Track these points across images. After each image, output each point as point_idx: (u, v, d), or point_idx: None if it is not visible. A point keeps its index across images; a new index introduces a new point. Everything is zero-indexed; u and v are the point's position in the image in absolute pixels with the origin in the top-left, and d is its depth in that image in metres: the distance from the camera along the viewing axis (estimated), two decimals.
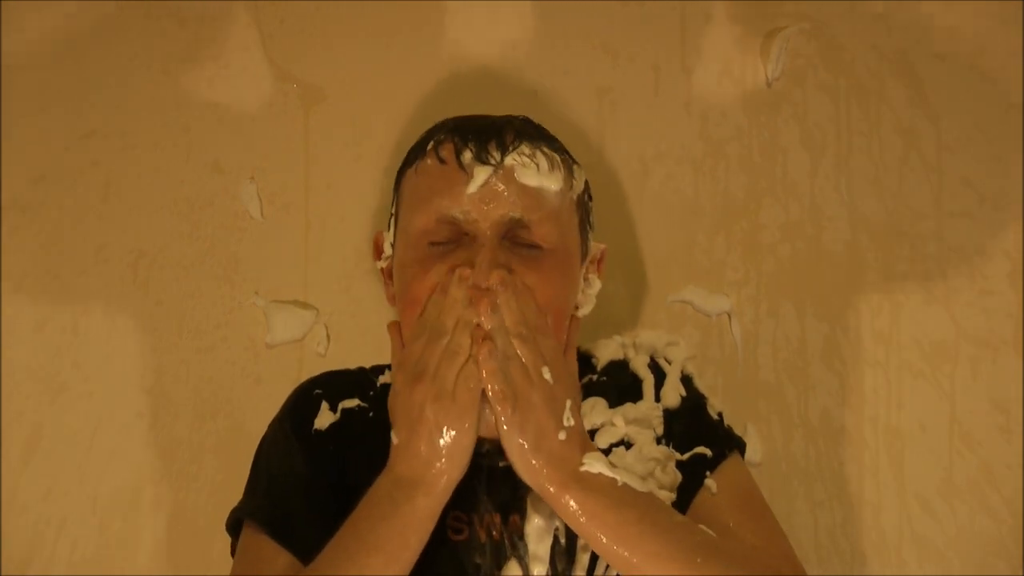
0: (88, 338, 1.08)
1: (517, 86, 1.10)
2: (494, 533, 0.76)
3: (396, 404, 0.74)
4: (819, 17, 1.10)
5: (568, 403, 0.73)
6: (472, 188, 0.74)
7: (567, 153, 0.83)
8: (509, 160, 0.75)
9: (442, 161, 0.76)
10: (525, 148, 0.76)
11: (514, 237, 0.75)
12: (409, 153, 0.84)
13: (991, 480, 1.03)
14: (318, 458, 0.81)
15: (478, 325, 0.71)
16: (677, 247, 1.09)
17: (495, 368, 0.70)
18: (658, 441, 0.82)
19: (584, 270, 0.84)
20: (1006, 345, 1.05)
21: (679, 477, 0.80)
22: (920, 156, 1.08)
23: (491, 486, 0.77)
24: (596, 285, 0.87)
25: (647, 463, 0.79)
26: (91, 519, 1.07)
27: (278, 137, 1.11)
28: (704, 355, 1.08)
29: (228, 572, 0.83)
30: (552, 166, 0.77)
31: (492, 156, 0.75)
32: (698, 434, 0.83)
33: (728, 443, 0.84)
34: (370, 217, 1.09)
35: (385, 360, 0.88)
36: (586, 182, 0.85)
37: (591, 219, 0.86)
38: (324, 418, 0.84)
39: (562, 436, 0.72)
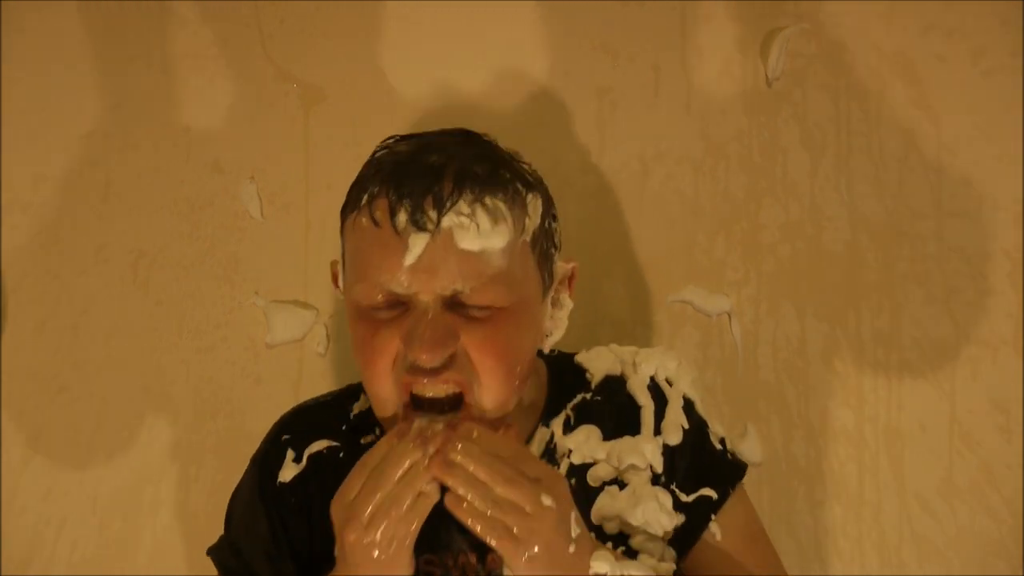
0: (88, 338, 1.08)
1: (517, 86, 1.10)
2: (468, 573, 0.73)
3: (334, 515, 0.68)
4: (819, 17, 1.10)
5: (572, 514, 0.68)
6: (409, 260, 0.67)
7: (518, 182, 0.73)
8: (447, 222, 0.67)
9: (376, 224, 0.69)
10: (463, 206, 0.67)
11: (459, 302, 0.70)
12: (349, 192, 0.76)
13: (991, 480, 1.03)
14: (282, 517, 0.79)
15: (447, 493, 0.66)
16: (677, 247, 1.09)
17: (487, 523, 0.65)
18: (656, 479, 0.78)
19: (549, 297, 0.78)
20: (1006, 345, 1.05)
21: (678, 518, 0.78)
22: (920, 156, 1.08)
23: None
24: (567, 306, 0.80)
25: (643, 506, 0.75)
26: (91, 519, 1.07)
27: (278, 137, 1.11)
28: (704, 355, 1.08)
29: None
30: (496, 220, 0.68)
31: (428, 219, 0.67)
32: (702, 471, 0.80)
33: (732, 478, 0.82)
34: None
35: None
36: (546, 203, 0.76)
37: (556, 241, 0.78)
38: (288, 470, 0.80)
39: (572, 549, 0.67)
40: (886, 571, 1.03)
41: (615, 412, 0.81)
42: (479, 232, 0.68)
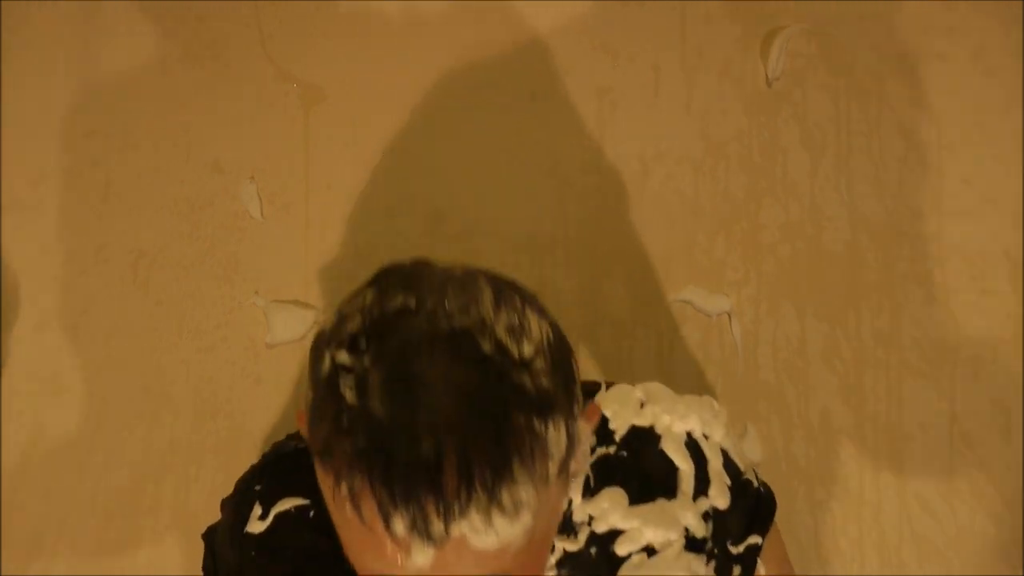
0: (88, 338, 1.08)
1: (517, 86, 1.10)
2: None
3: None
4: (819, 17, 1.10)
5: None
6: (412, 569, 0.55)
7: (535, 418, 0.55)
8: (456, 531, 0.53)
9: (364, 523, 0.54)
10: (475, 514, 0.52)
11: None
12: (315, 434, 0.57)
13: (991, 480, 1.03)
14: (242, 566, 0.75)
15: None
16: (677, 247, 1.09)
17: None
18: (695, 544, 0.70)
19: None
20: (1006, 345, 1.05)
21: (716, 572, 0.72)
22: (920, 156, 1.08)
23: None
24: (589, 441, 0.67)
25: None
26: (91, 519, 1.07)
27: (278, 137, 1.11)
28: (704, 355, 1.08)
29: None
30: (517, 511, 0.53)
31: (433, 530, 0.53)
32: (747, 519, 0.74)
33: (771, 514, 0.77)
34: (370, 217, 1.09)
35: None
36: (568, 415, 0.57)
37: (576, 410, 0.59)
38: (254, 525, 0.74)
39: None
40: (886, 571, 1.03)
41: (643, 473, 0.71)
42: (497, 535, 0.54)
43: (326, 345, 0.59)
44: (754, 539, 0.74)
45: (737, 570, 0.74)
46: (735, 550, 0.73)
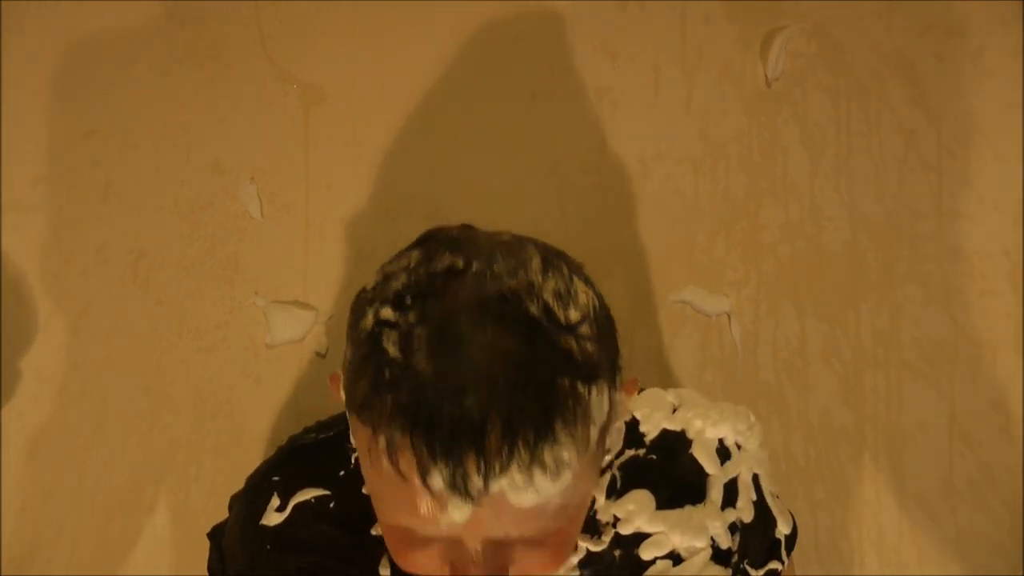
0: (88, 338, 1.08)
1: (517, 86, 1.10)
2: None
3: None
4: (819, 17, 1.10)
5: None
6: (448, 522, 0.54)
7: (579, 381, 0.55)
8: (496, 487, 0.52)
9: (403, 478, 0.53)
10: (517, 472, 0.52)
11: (512, 541, 0.58)
12: (354, 390, 0.58)
13: (991, 480, 1.03)
14: (253, 561, 0.73)
15: None
16: (677, 247, 1.09)
17: None
18: (721, 555, 0.69)
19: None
20: (1006, 345, 1.05)
21: None
22: (920, 156, 1.08)
23: None
24: (626, 416, 0.69)
25: None
26: (91, 519, 1.06)
27: (278, 137, 1.11)
28: (704, 355, 1.08)
29: None
30: (559, 471, 0.53)
31: (472, 486, 0.52)
32: (768, 543, 0.73)
33: (792, 543, 0.75)
34: (370, 217, 1.09)
35: None
36: (611, 383, 0.58)
37: (618, 380, 0.61)
38: (271, 517, 0.72)
39: None
40: (886, 571, 1.03)
41: (673, 476, 0.70)
42: (537, 492, 0.53)
43: (369, 303, 0.59)
44: (774, 564, 0.73)
45: None
46: (755, 573, 0.72)
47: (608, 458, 0.70)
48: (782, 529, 0.74)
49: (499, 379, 0.53)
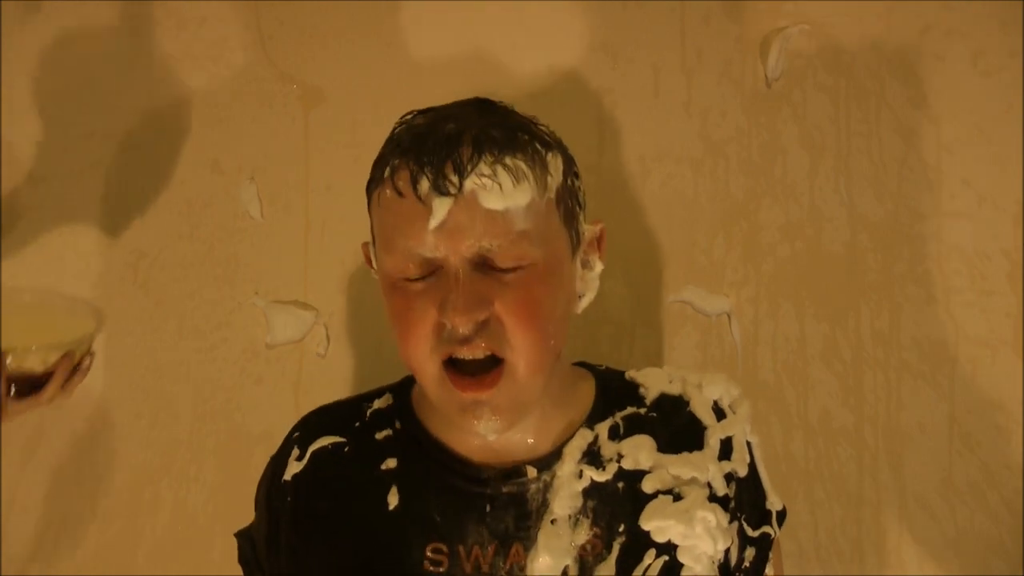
0: None
1: (517, 86, 1.10)
2: (483, 565, 0.71)
3: None
4: (819, 17, 1.10)
5: None
6: (433, 223, 0.67)
7: (537, 143, 0.72)
8: (469, 184, 0.67)
9: (400, 194, 0.70)
10: (484, 168, 0.67)
11: (489, 263, 0.69)
12: (372, 169, 0.76)
13: (991, 480, 1.03)
14: (279, 519, 0.79)
15: None
16: (677, 247, 1.09)
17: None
18: (719, 500, 0.76)
19: (578, 258, 0.77)
20: (1005, 345, 1.05)
21: (735, 544, 0.77)
22: (920, 156, 1.08)
23: (490, 514, 0.73)
24: (597, 267, 0.79)
25: (698, 520, 0.73)
26: (92, 519, 1.07)
27: (278, 137, 1.11)
28: (704, 355, 1.08)
29: (228, 572, 0.84)
30: (517, 178, 0.69)
31: (450, 183, 0.67)
32: (760, 509, 0.80)
33: (781, 518, 0.82)
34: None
35: (386, 361, 0.88)
36: (567, 163, 0.76)
37: (581, 200, 0.77)
38: (290, 468, 0.80)
39: None
40: (886, 571, 1.03)
41: (672, 430, 0.78)
42: (502, 192, 0.68)
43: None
44: (767, 529, 0.79)
45: (751, 553, 0.78)
46: (752, 532, 0.78)
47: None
48: (774, 504, 0.81)
49: (475, 120, 0.71)
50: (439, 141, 0.69)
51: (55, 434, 1.07)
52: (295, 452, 0.80)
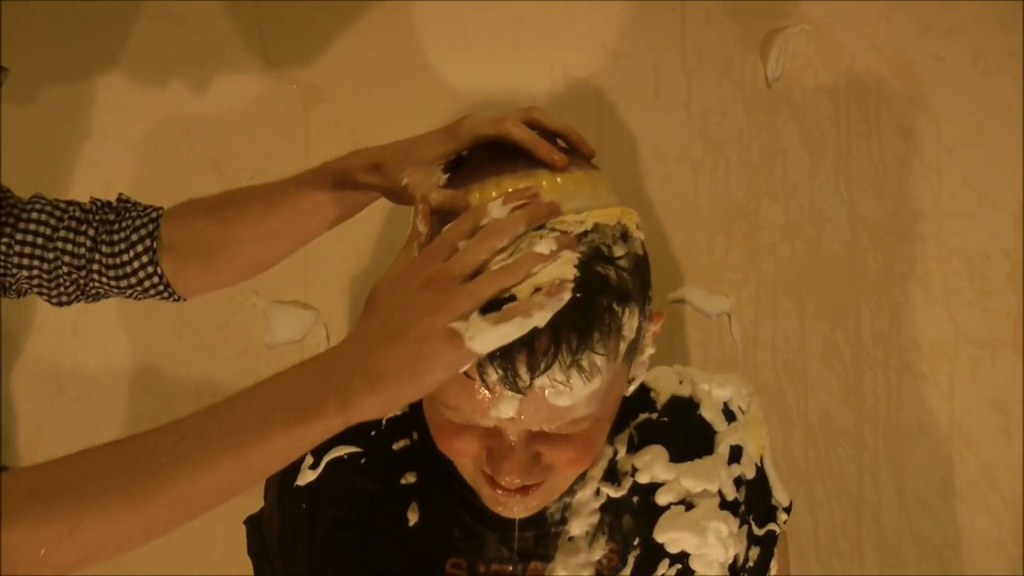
0: (88, 338, 1.08)
1: (517, 86, 1.10)
2: None
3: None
4: (819, 17, 1.10)
5: None
6: (497, 413, 0.63)
7: (615, 301, 0.64)
8: (539, 383, 0.61)
9: (466, 374, 0.62)
10: (558, 372, 0.61)
11: (546, 433, 0.66)
12: None
13: (991, 481, 1.03)
14: (292, 522, 0.79)
15: None
16: (677, 247, 1.09)
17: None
18: (729, 505, 0.76)
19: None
20: (1006, 345, 1.05)
21: (746, 549, 0.77)
22: (920, 156, 1.08)
23: (510, 532, 0.73)
24: (648, 352, 0.74)
25: (710, 530, 0.74)
26: None
27: (278, 137, 1.11)
28: (704, 355, 1.08)
29: (228, 571, 0.84)
30: (591, 376, 0.62)
31: (520, 381, 0.61)
32: (766, 506, 0.80)
33: (787, 512, 0.82)
34: (370, 217, 1.09)
35: None
36: (641, 304, 0.68)
37: (648, 314, 0.71)
38: (304, 475, 0.78)
39: None
40: (886, 571, 1.03)
41: (684, 434, 0.78)
42: (572, 393, 0.62)
43: None
44: (772, 526, 0.79)
45: (756, 551, 0.78)
46: (758, 531, 0.78)
47: (631, 423, 0.79)
48: (780, 500, 0.81)
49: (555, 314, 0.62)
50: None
51: (55, 434, 1.07)
52: (309, 459, 0.79)
